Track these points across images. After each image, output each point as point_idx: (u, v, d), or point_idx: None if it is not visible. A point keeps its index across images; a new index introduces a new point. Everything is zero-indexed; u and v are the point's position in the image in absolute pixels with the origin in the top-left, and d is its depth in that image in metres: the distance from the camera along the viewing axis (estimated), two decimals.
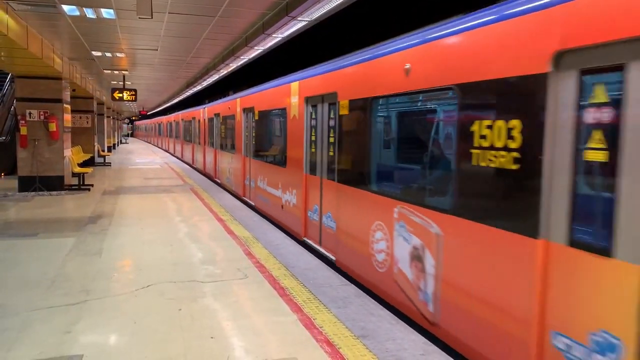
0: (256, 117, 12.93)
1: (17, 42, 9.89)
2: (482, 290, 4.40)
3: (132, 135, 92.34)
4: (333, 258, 7.81)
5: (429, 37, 5.38)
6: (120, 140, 57.37)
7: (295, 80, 9.77)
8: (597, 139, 3.48)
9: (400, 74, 5.86)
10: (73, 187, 15.79)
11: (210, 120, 20.18)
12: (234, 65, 14.83)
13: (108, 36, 12.04)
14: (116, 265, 7.27)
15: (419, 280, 5.35)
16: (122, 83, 20.85)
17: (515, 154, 4.05)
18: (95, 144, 25.56)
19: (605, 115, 3.43)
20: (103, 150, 28.67)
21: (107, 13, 9.57)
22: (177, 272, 6.93)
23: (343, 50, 7.33)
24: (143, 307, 5.57)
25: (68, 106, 16.29)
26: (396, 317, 5.47)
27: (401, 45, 5.95)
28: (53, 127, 14.86)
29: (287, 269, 7.18)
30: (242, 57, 13.23)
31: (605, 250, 3.33)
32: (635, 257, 3.13)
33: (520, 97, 4.06)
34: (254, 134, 13.28)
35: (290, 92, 9.96)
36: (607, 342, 3.29)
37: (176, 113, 33.94)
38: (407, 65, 5.73)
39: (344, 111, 7.46)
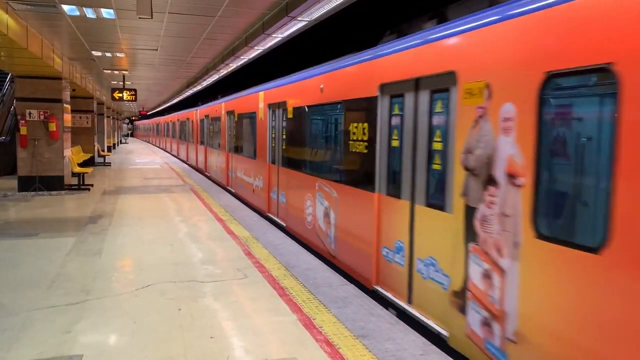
0: (236, 119, 15.55)
1: (17, 42, 9.89)
2: (354, 229, 7.26)
3: (132, 135, 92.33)
4: (284, 224, 10.58)
5: (332, 68, 8.18)
6: (120, 140, 57.39)
7: (262, 90, 12.40)
8: (395, 134, 6.26)
9: (318, 91, 8.62)
10: (73, 187, 15.80)
11: (202, 121, 22.85)
12: (234, 65, 14.83)
13: (108, 36, 12.04)
14: (116, 265, 7.28)
15: (327, 230, 8.20)
16: (122, 83, 20.86)
17: (366, 144, 6.88)
18: (95, 143, 25.57)
19: (399, 120, 6.16)
20: (103, 150, 28.68)
21: (107, 13, 9.57)
22: (177, 272, 6.94)
23: (343, 50, 8.40)
24: (143, 307, 5.57)
25: (68, 106, 16.30)
26: (395, 317, 5.47)
27: (319, 71, 8.70)
28: (53, 127, 14.86)
29: (286, 269, 7.19)
30: (242, 57, 13.23)
31: (398, 195, 6.13)
32: (407, 196, 5.90)
33: (367, 110, 6.84)
34: (234, 133, 15.89)
35: (259, 99, 12.60)
36: (399, 246, 6.06)
37: (173, 114, 36.72)
38: (322, 86, 8.50)
39: (290, 115, 10.13)
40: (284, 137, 10.64)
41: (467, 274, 4.66)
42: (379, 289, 6.44)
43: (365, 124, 6.82)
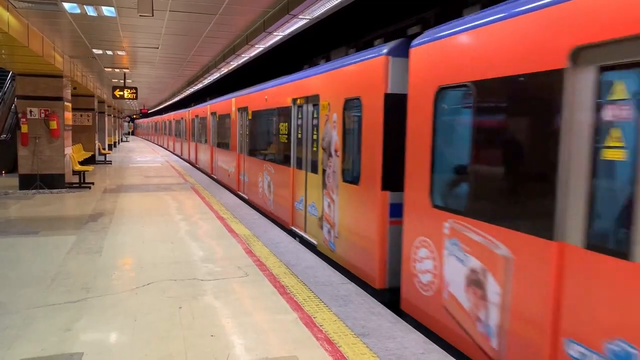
0: (217, 119, 19.03)
1: (17, 40, 9.88)
2: (281, 192, 10.66)
3: (132, 133, 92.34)
4: (246, 197, 14.14)
5: (271, 85, 11.63)
6: (121, 139, 57.38)
7: (233, 97, 15.99)
8: (299, 130, 8.91)
9: (264, 100, 12.07)
10: (74, 185, 15.81)
11: (193, 120, 26.13)
12: (235, 63, 14.81)
13: (109, 34, 12.03)
14: (117, 263, 7.28)
15: (270, 195, 11.67)
16: (123, 81, 20.85)
17: (286, 137, 10.07)
18: (96, 142, 25.57)
19: (300, 121, 9.15)
20: (104, 149, 28.67)
21: (108, 11, 9.56)
22: (177, 270, 6.94)
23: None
24: (144, 305, 5.57)
25: (69, 104, 16.29)
26: (396, 316, 5.46)
27: (265, 86, 12.28)
28: (54, 125, 14.86)
29: (287, 267, 7.18)
30: (243, 55, 13.21)
31: (300, 167, 9.24)
32: (304, 168, 9.15)
33: (287, 115, 9.96)
34: (216, 130, 19.49)
35: (232, 103, 16.09)
36: (301, 199, 9.35)
37: (170, 113, 39.98)
38: (266, 97, 11.93)
39: (250, 117, 13.74)
40: (247, 133, 14.14)
41: (323, 206, 8.30)
42: (293, 228, 9.90)
43: (286, 124, 10.24)
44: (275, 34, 10.20)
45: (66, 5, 9.14)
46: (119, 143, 49.57)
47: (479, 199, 4.49)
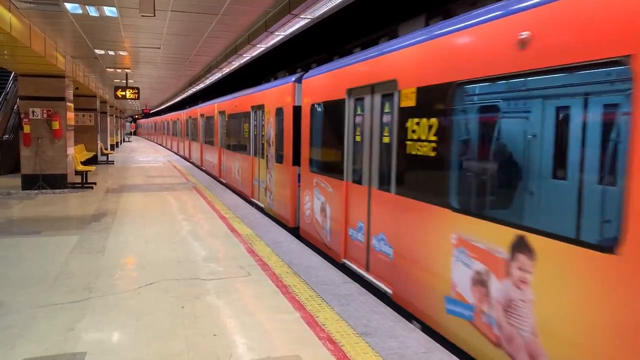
0: (205, 120, 22.98)
1: (20, 41, 9.90)
2: (246, 175, 14.60)
3: (134, 133, 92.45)
4: (224, 181, 17.96)
5: (237, 95, 15.87)
6: (123, 139, 57.44)
7: (215, 103, 20.02)
8: (255, 128, 13.43)
9: (235, 106, 15.76)
10: (76, 185, 15.83)
11: (187, 121, 30.18)
12: (236, 63, 14.82)
13: (111, 34, 12.05)
14: (119, 263, 7.29)
15: (239, 178, 15.50)
16: (125, 81, 20.87)
17: (247, 133, 14.12)
18: (98, 142, 25.60)
19: (256, 122, 13.49)
20: (106, 149, 28.71)
21: (109, 11, 9.57)
22: (180, 269, 6.95)
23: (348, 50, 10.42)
24: (146, 305, 5.58)
25: (71, 104, 16.31)
26: (399, 315, 5.46)
27: (234, 96, 16.20)
28: (56, 125, 14.88)
29: (289, 266, 7.18)
30: (244, 55, 13.22)
31: (258, 155, 13.23)
32: (259, 155, 13.12)
33: (248, 117, 14.07)
34: (204, 129, 23.47)
35: (215, 107, 20.07)
36: (260, 180, 12.97)
37: (168, 114, 44.20)
38: (236, 104, 15.64)
39: (227, 118, 17.37)
40: (225, 131, 17.91)
41: (267, 180, 11.97)
42: (253, 200, 13.45)
43: (247, 124, 14.07)
44: (276, 33, 10.20)
45: (68, 6, 9.15)
46: (121, 143, 49.63)
47: (322, 165, 8.66)
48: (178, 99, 35.61)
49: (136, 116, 77.55)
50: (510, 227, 4.01)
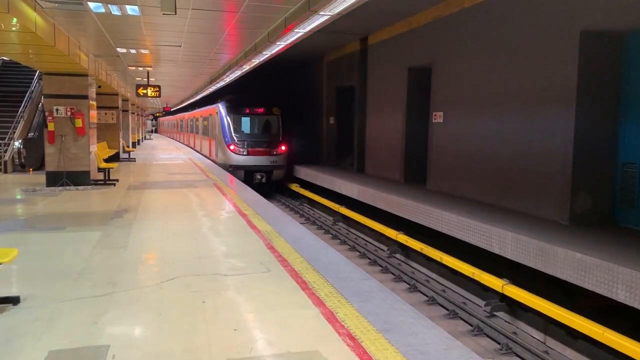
0: (200, 120, 31.24)
1: (44, 40, 10.09)
2: (209, 150, 30.26)
3: (155, 131, 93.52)
4: (203, 154, 30.54)
5: (205, 108, 30.74)
6: (145, 137, 58.15)
7: (199, 110, 32.31)
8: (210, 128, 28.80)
9: (207, 114, 28.65)
10: (99, 182, 16.09)
11: (206, 119, 40.16)
12: (256, 61, 14.87)
13: (132, 33, 12.19)
14: (142, 258, 7.39)
15: (208, 151, 29.04)
16: (146, 79, 21.12)
17: (207, 128, 29.14)
18: (121, 139, 25.98)
19: (207, 123, 30.86)
20: (128, 146, 29.10)
21: (131, 10, 9.69)
22: (201, 265, 7.02)
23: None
24: (168, 300, 5.65)
25: (94, 102, 16.56)
26: (419, 312, 5.44)
27: (204, 108, 31.18)
28: (79, 123, 15.13)
29: (308, 262, 7.20)
30: (264, 53, 13.25)
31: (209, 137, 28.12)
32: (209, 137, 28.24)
33: (214, 118, 25.87)
34: (201, 127, 31.50)
35: (199, 113, 31.44)
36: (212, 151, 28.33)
37: (182, 114, 49.91)
38: (201, 114, 32.09)
39: (205, 122, 29.10)
40: (202, 127, 29.92)
41: (216, 150, 24.79)
42: (210, 157, 26.20)
43: (207, 123, 27.83)
44: (296, 31, 10.21)
45: (91, 5, 9.29)
46: (142, 141, 50.25)
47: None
48: (199, 96, 35.93)
49: (157, 114, 78.34)
50: None
